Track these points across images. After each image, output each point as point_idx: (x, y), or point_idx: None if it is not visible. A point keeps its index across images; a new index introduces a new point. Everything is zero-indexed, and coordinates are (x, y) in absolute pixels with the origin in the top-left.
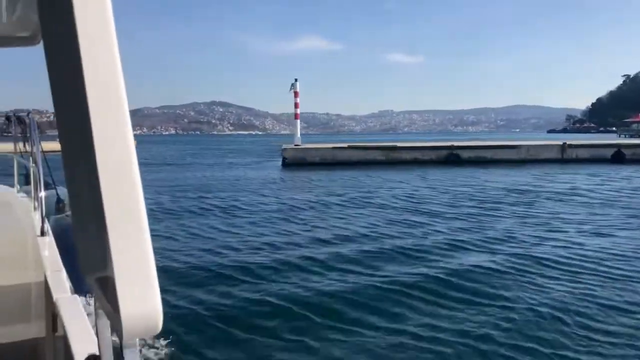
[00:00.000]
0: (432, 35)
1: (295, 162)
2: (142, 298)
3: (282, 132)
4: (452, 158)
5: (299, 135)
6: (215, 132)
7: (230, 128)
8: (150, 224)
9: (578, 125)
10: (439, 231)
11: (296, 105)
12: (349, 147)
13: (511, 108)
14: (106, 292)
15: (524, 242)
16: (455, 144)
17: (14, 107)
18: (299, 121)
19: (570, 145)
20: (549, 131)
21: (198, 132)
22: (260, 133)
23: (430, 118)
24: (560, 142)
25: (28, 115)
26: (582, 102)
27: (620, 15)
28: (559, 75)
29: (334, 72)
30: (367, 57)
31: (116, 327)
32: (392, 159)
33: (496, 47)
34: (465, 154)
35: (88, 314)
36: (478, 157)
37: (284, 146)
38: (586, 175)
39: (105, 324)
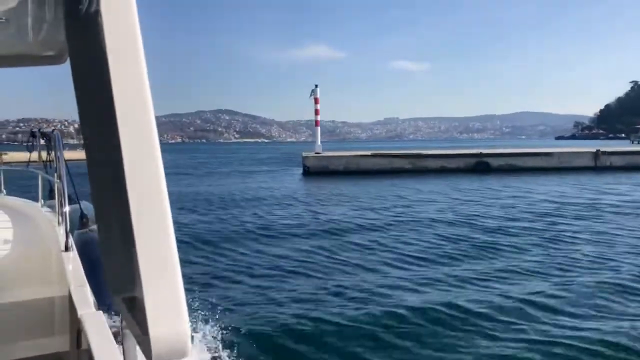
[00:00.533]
0: (438, 42)
1: (317, 171)
2: (171, 321)
3: (288, 139)
4: (481, 166)
5: (319, 142)
6: (221, 140)
7: (237, 136)
8: (178, 245)
9: (587, 131)
10: (522, 249)
11: (316, 112)
12: (373, 155)
13: (516, 115)
14: (134, 314)
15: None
16: (484, 151)
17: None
18: (319, 128)
19: (604, 153)
20: (557, 138)
21: (204, 140)
22: (266, 141)
23: (435, 125)
24: (593, 149)
25: (53, 131)
26: (587, 109)
27: (625, 22)
28: (563, 82)
29: (340, 80)
30: (372, 65)
31: (145, 349)
32: (418, 167)
33: (502, 54)
34: (495, 162)
35: (111, 329)
36: (509, 165)
37: (305, 154)
38: (633, 185)
39: (132, 343)
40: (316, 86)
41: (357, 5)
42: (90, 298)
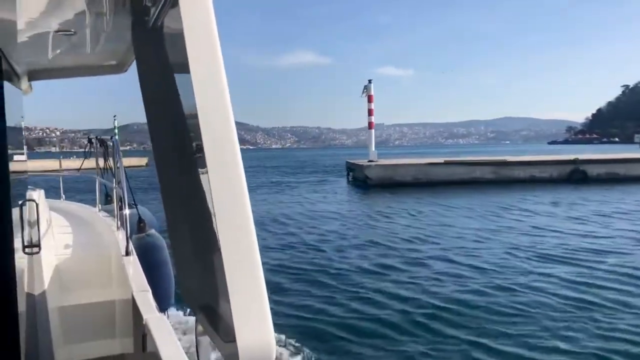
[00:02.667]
0: (422, 49)
1: (380, 183)
2: (257, 329)
3: (274, 146)
4: (577, 175)
5: (373, 148)
6: (152, 147)
7: None
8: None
9: (580, 136)
10: None
11: (370, 112)
12: (448, 163)
13: (500, 120)
14: (214, 321)
15: None
16: (581, 157)
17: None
18: (373, 132)
19: None
20: (550, 142)
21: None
22: (251, 147)
23: (420, 131)
24: None
25: (111, 138)
26: (571, 114)
27: (607, 31)
28: (546, 87)
29: (324, 86)
30: (357, 71)
31: (229, 356)
32: (503, 177)
33: (484, 60)
34: (593, 170)
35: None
36: (609, 173)
37: (354, 161)
38: None
39: (206, 349)
40: (370, 82)
41: (342, 10)
42: (153, 302)
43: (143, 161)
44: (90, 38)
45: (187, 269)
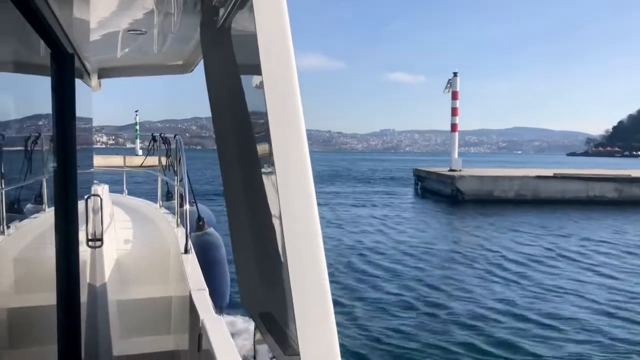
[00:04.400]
0: (434, 55)
1: (476, 198)
2: (322, 347)
3: None
4: None
5: (456, 155)
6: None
7: None
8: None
9: (601, 148)
10: None
11: (454, 112)
12: (559, 177)
13: (512, 130)
14: (276, 332)
15: None
16: None
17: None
18: (457, 135)
19: None
20: (569, 154)
21: (200, 147)
22: None
23: (431, 138)
24: None
25: (175, 137)
26: (585, 125)
27: (623, 46)
28: (560, 99)
29: (336, 90)
30: (369, 76)
31: None
32: (628, 197)
33: (497, 70)
34: None
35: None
36: None
37: (439, 171)
38: None
39: (264, 357)
40: (455, 75)
41: (355, 15)
42: (210, 302)
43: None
44: (158, 38)
45: (248, 273)
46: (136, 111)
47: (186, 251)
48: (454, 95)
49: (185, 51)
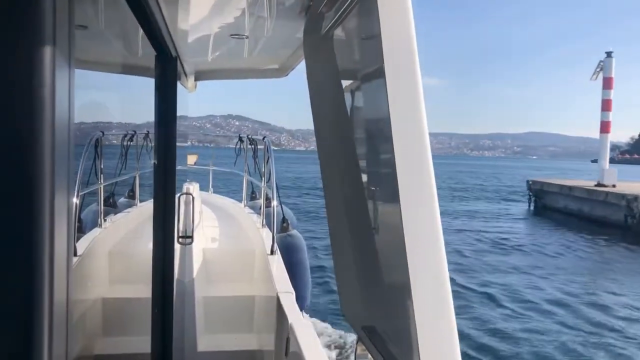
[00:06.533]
0: (448, 58)
1: None
2: None
3: (297, 148)
4: None
5: (608, 165)
6: (230, 146)
7: None
8: None
9: (628, 156)
10: None
11: (607, 105)
12: None
13: (527, 135)
14: (383, 347)
15: None
16: None
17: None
18: (608, 136)
19: None
20: (593, 161)
21: (213, 145)
22: (275, 148)
23: (445, 141)
24: None
25: (264, 139)
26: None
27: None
28: (575, 104)
29: None
30: None
31: None
32: None
33: (513, 74)
34: None
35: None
36: None
37: (619, 190)
38: None
39: None
40: (609, 55)
41: None
42: (296, 304)
43: (192, 159)
44: (258, 42)
45: (350, 285)
46: None
47: (272, 252)
48: (608, 83)
49: (283, 55)
